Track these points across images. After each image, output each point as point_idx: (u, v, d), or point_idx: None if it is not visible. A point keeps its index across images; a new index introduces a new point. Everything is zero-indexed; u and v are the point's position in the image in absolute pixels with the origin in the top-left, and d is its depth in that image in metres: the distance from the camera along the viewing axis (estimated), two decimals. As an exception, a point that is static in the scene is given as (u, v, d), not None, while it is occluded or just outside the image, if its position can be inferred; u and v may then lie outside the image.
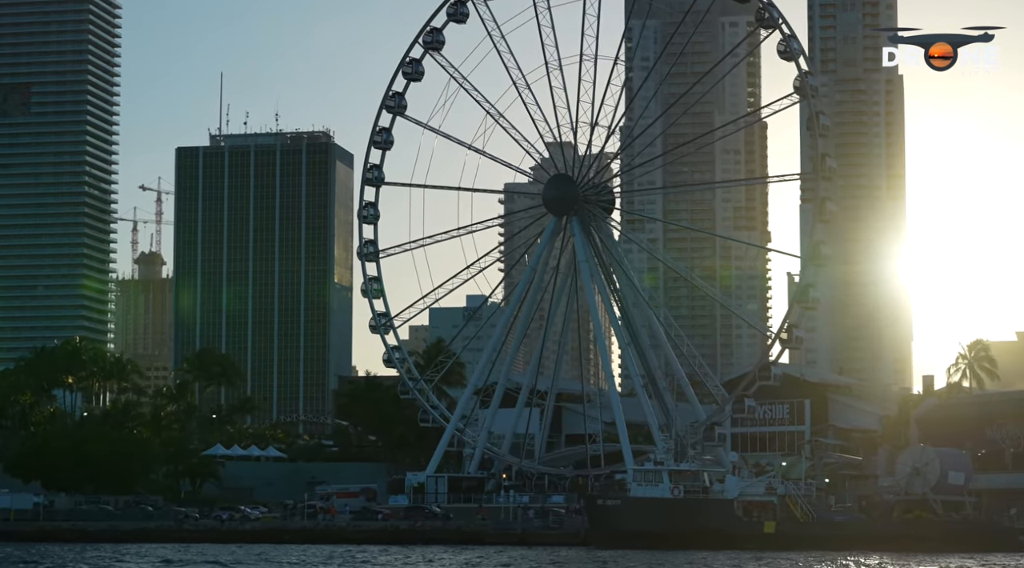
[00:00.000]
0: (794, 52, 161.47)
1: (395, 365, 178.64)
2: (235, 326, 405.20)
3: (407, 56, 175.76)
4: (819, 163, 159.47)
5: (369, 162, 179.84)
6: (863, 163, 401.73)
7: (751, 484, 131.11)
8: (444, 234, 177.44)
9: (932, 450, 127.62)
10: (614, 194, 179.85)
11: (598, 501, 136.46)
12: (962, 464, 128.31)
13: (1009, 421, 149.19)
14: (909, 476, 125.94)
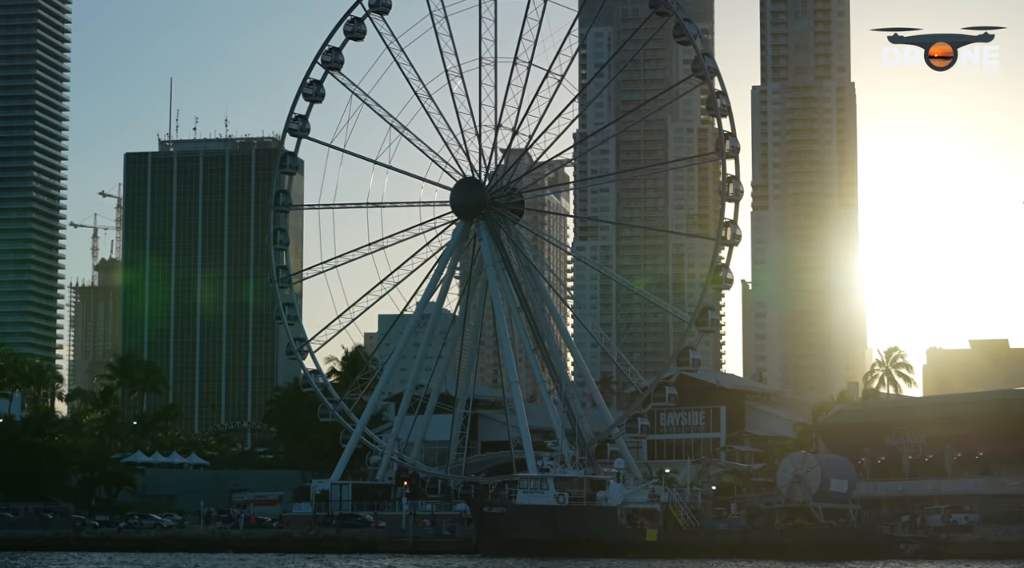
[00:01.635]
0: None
1: (314, 389, 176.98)
2: (183, 332, 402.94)
3: (307, 78, 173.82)
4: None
5: (276, 187, 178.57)
6: (815, 171, 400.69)
7: (634, 491, 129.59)
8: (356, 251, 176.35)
9: (813, 457, 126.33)
10: (523, 197, 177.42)
11: (484, 509, 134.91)
12: (845, 471, 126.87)
13: (907, 428, 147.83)
14: (791, 484, 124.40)
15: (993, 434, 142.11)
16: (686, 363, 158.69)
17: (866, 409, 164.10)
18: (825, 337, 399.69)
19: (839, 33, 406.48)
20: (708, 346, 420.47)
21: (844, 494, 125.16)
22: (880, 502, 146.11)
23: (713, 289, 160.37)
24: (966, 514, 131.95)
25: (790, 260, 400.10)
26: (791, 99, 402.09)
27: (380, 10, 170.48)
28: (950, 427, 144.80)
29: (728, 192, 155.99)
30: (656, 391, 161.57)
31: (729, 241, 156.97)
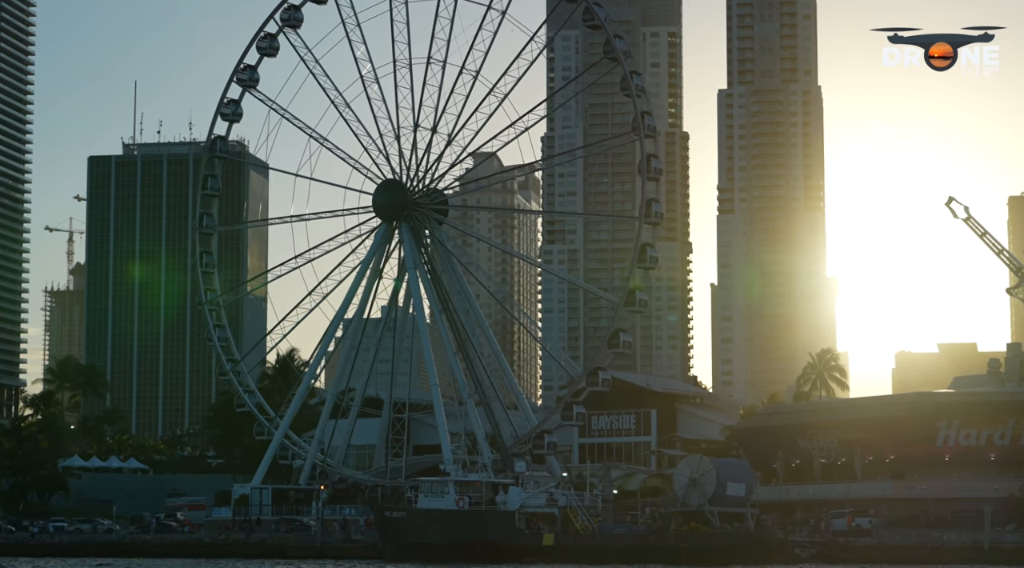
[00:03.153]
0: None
1: (248, 409, 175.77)
2: (146, 336, 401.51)
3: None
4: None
5: (201, 209, 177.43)
6: (781, 174, 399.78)
7: (532, 495, 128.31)
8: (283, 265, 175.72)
9: (709, 461, 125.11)
10: (448, 200, 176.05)
11: (386, 513, 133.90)
12: (742, 475, 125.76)
13: (819, 431, 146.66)
14: (686, 487, 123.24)
15: (903, 437, 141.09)
16: (616, 345, 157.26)
17: (781, 412, 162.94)
18: (792, 340, 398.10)
19: (805, 36, 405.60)
20: (675, 350, 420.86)
21: (741, 498, 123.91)
22: (794, 506, 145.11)
23: (640, 268, 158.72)
24: (870, 518, 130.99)
25: (756, 264, 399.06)
26: (757, 102, 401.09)
27: (292, 24, 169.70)
28: (861, 430, 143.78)
29: (648, 171, 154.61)
30: (590, 376, 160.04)
31: (651, 220, 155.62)
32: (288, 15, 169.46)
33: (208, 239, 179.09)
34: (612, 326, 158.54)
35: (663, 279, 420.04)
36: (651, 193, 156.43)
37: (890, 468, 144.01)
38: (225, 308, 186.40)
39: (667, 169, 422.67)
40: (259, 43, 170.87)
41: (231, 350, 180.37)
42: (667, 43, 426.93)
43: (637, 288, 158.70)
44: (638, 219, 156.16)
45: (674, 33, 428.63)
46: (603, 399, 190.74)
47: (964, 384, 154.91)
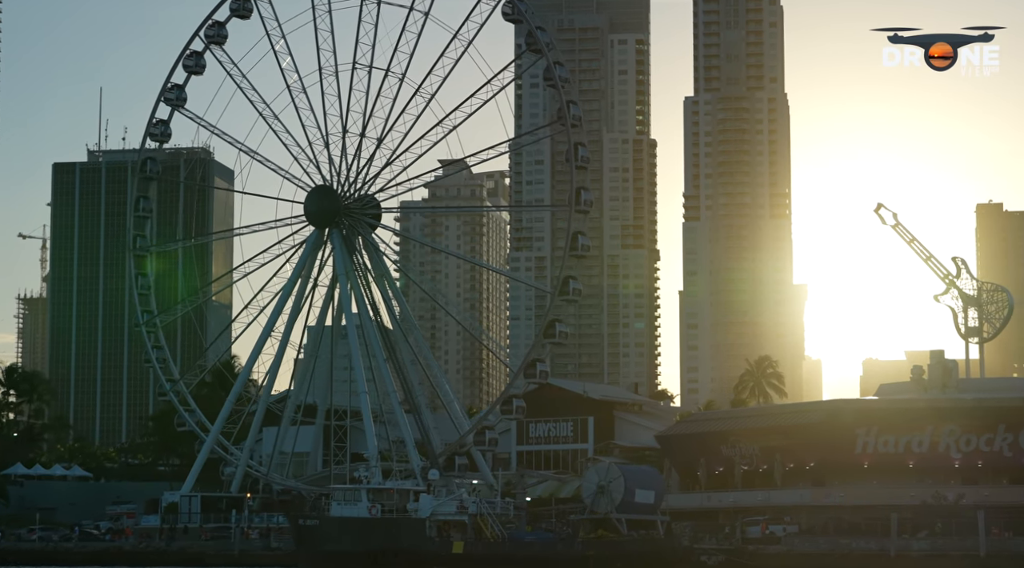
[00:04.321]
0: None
1: (189, 428, 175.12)
2: (111, 343, 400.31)
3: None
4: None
5: (134, 231, 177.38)
6: (746, 182, 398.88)
7: (443, 503, 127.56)
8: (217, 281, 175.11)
9: (617, 468, 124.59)
10: (381, 207, 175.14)
11: (299, 521, 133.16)
12: (652, 482, 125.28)
13: (741, 438, 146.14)
14: (595, 494, 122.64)
15: (823, 444, 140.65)
16: (553, 335, 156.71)
17: (705, 419, 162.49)
18: (758, 348, 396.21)
19: (771, 44, 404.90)
20: (642, 357, 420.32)
21: (651, 505, 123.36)
22: (716, 513, 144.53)
23: (572, 257, 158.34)
24: (784, 525, 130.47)
25: (722, 271, 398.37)
26: (723, 110, 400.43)
27: (217, 41, 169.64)
28: (782, 437, 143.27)
29: (576, 159, 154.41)
30: (528, 368, 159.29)
31: (581, 208, 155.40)
32: (213, 32, 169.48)
33: (143, 261, 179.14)
34: (547, 316, 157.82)
35: (630, 287, 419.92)
36: (580, 182, 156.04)
37: (810, 475, 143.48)
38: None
39: (634, 176, 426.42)
40: (185, 62, 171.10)
41: (169, 370, 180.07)
42: (635, 50, 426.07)
43: (571, 278, 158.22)
44: (568, 208, 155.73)
45: (642, 40, 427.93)
46: (541, 406, 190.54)
47: (889, 391, 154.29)
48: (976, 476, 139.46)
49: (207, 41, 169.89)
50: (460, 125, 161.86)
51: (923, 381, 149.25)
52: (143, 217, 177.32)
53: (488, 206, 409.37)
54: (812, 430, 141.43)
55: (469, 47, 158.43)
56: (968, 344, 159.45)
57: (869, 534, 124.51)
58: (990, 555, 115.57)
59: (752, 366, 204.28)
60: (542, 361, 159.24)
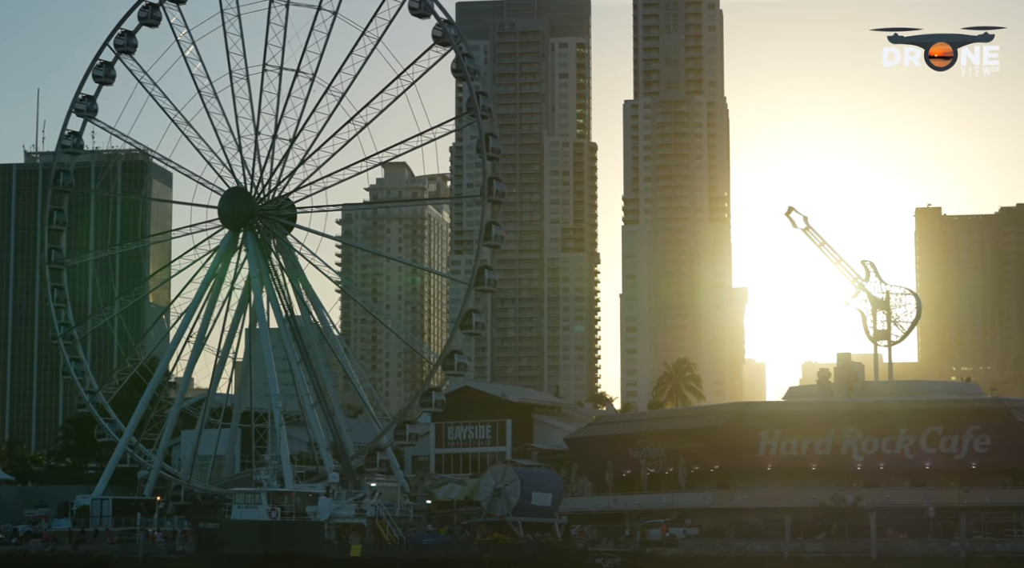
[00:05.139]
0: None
1: (109, 437, 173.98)
2: (48, 346, 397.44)
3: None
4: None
5: (49, 244, 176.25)
6: (685, 185, 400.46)
7: (341, 506, 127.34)
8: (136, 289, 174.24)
9: (514, 470, 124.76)
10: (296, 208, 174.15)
11: (200, 524, 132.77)
12: (550, 485, 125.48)
13: (648, 441, 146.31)
14: (491, 497, 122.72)
15: (727, 447, 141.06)
16: (469, 327, 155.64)
17: (612, 422, 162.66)
18: (696, 351, 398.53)
19: (711, 48, 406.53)
20: (583, 361, 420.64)
21: (548, 508, 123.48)
22: (622, 516, 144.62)
23: (486, 247, 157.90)
24: (685, 528, 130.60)
25: (661, 275, 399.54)
26: (662, 114, 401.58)
27: (127, 51, 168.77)
28: (686, 440, 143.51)
29: (487, 150, 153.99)
30: (446, 360, 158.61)
31: (493, 199, 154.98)
32: (123, 42, 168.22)
33: (58, 273, 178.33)
34: (464, 308, 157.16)
35: (570, 290, 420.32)
36: (493, 172, 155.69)
37: (715, 478, 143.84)
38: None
39: (575, 180, 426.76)
40: (95, 72, 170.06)
41: (88, 381, 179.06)
42: (575, 54, 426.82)
43: (486, 268, 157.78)
44: (481, 199, 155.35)
45: (583, 44, 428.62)
46: (459, 409, 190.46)
47: (797, 394, 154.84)
48: (878, 479, 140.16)
49: (117, 51, 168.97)
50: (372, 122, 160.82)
51: (829, 384, 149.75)
52: (57, 230, 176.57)
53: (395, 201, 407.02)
54: (716, 433, 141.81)
55: (378, 44, 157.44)
56: (877, 347, 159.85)
57: (769, 537, 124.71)
58: (881, 557, 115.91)
59: (670, 369, 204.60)
60: (460, 353, 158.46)
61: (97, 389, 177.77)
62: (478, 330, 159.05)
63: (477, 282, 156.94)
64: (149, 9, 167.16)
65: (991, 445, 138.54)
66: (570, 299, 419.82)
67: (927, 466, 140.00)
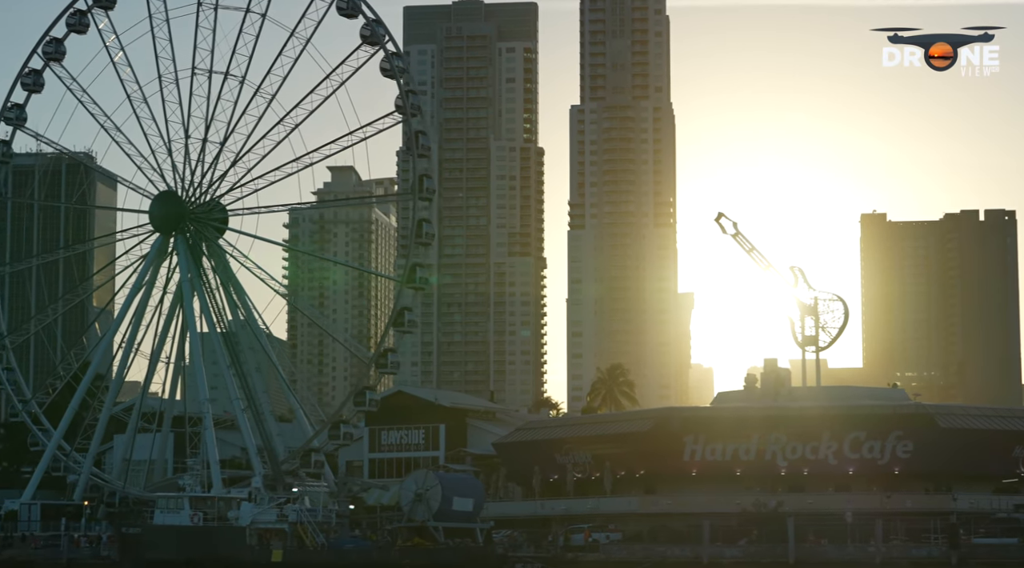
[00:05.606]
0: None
1: (43, 446, 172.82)
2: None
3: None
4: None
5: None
6: (631, 190, 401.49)
7: (264, 511, 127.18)
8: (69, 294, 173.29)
9: (435, 475, 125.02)
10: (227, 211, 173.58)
11: (122, 529, 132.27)
12: (471, 490, 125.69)
13: (574, 446, 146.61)
14: (412, 502, 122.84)
15: (652, 452, 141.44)
16: (402, 324, 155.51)
17: (540, 427, 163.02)
18: (642, 356, 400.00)
19: (657, 53, 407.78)
20: (528, 365, 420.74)
21: (469, 513, 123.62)
22: (550, 520, 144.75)
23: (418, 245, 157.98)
24: (608, 533, 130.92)
25: (607, 279, 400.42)
26: (608, 119, 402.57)
27: (56, 58, 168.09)
28: (612, 445, 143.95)
29: (417, 147, 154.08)
30: (380, 358, 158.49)
31: (424, 195, 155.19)
32: (51, 49, 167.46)
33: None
34: (396, 306, 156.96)
35: (517, 294, 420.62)
36: (423, 169, 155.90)
37: (641, 483, 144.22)
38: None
39: (521, 185, 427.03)
40: (23, 80, 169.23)
41: (21, 390, 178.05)
42: (523, 58, 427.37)
43: (418, 265, 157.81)
44: (412, 196, 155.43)
45: (530, 48, 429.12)
46: (393, 414, 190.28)
47: (726, 399, 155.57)
48: (802, 484, 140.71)
49: (46, 58, 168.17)
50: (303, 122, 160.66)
51: (756, 390, 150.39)
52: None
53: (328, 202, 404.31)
54: (641, 438, 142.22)
55: (308, 45, 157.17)
56: (805, 352, 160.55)
57: (692, 541, 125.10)
58: (799, 562, 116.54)
59: (604, 374, 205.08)
60: (394, 351, 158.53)
61: (30, 397, 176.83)
62: (411, 328, 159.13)
63: (408, 279, 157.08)
64: (77, 16, 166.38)
65: (913, 451, 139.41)
66: (516, 303, 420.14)
67: (850, 471, 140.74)
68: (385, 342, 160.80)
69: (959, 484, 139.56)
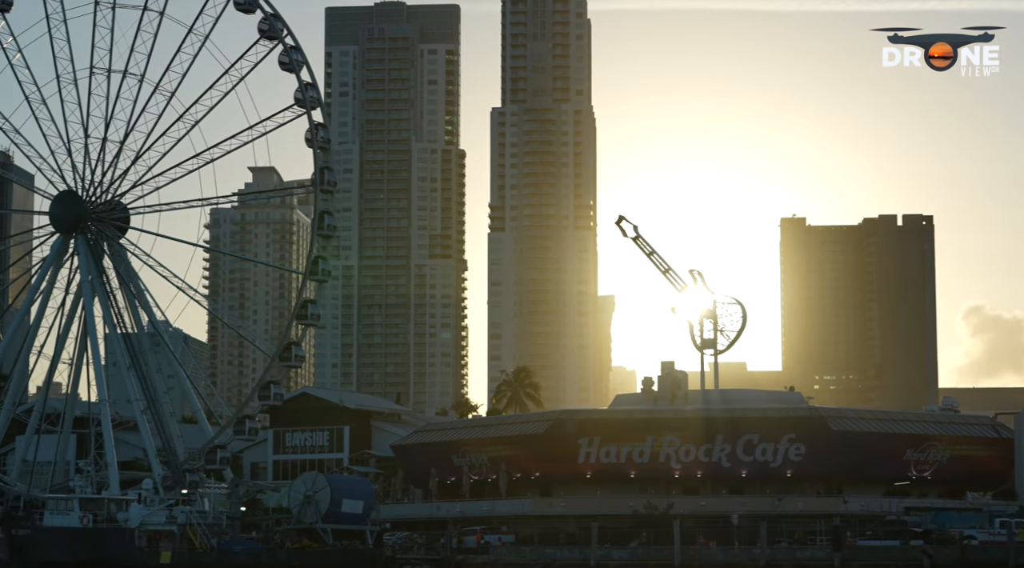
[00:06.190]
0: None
1: None
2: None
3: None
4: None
5: None
6: (551, 193, 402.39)
7: (152, 513, 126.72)
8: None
9: (324, 477, 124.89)
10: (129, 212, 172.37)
11: (12, 531, 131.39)
12: (361, 492, 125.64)
13: (471, 448, 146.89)
14: (301, 504, 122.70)
15: (547, 454, 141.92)
16: (306, 317, 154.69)
17: (438, 429, 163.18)
18: (561, 358, 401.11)
19: (578, 56, 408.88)
20: (449, 367, 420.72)
21: (359, 515, 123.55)
22: (447, 523, 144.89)
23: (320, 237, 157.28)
24: (500, 535, 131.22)
25: (526, 282, 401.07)
26: (529, 121, 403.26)
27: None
28: (508, 447, 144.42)
29: (316, 140, 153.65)
30: (283, 351, 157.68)
31: (326, 188, 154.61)
32: None
33: None
34: (299, 298, 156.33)
35: (437, 296, 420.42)
36: (324, 162, 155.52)
37: (537, 485, 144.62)
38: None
39: (442, 186, 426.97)
40: None
41: None
42: (444, 61, 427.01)
43: (320, 257, 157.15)
44: (313, 189, 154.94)
45: (452, 51, 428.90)
46: (298, 416, 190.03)
47: (623, 402, 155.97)
48: (696, 486, 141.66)
49: None
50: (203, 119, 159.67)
51: (653, 392, 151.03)
52: None
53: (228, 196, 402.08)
54: (537, 441, 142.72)
55: (206, 41, 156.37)
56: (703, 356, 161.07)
57: (583, 544, 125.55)
58: (685, 564, 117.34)
59: (510, 376, 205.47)
60: (298, 344, 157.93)
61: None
62: (314, 321, 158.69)
63: (311, 272, 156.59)
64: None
65: (805, 453, 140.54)
66: (437, 305, 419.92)
67: (743, 474, 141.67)
68: (289, 335, 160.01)
69: (851, 487, 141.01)
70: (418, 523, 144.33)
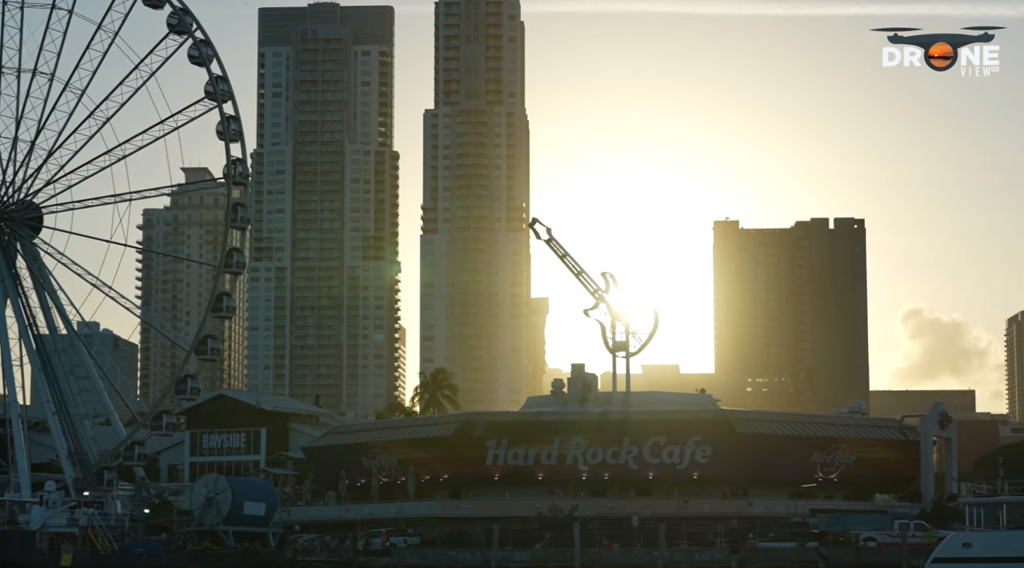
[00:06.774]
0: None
1: None
2: None
3: None
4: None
5: None
6: (484, 195, 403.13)
7: (54, 515, 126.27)
8: None
9: (225, 480, 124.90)
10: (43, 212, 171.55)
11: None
12: (263, 494, 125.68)
13: (380, 450, 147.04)
14: (203, 506, 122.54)
15: (455, 457, 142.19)
16: (221, 310, 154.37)
17: (347, 431, 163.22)
18: (494, 360, 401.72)
19: (511, 59, 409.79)
20: (382, 369, 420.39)
21: (261, 517, 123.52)
22: (355, 525, 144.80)
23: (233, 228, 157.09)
24: (405, 537, 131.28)
25: (459, 284, 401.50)
26: (462, 124, 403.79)
27: None
28: (417, 449, 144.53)
29: (228, 133, 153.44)
30: (199, 344, 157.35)
31: (238, 180, 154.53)
32: None
33: None
34: (215, 291, 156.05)
35: (370, 298, 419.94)
36: (236, 153, 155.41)
37: (446, 487, 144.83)
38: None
39: (376, 188, 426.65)
40: None
41: None
42: (378, 62, 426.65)
43: (234, 249, 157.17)
44: (226, 181, 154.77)
45: (385, 52, 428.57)
46: (215, 417, 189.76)
47: (534, 404, 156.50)
48: (603, 488, 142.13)
49: None
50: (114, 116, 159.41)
51: (563, 394, 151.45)
52: None
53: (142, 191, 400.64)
54: (445, 443, 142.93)
55: (116, 38, 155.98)
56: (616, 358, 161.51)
57: (487, 546, 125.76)
58: (584, 566, 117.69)
59: (428, 378, 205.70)
60: (214, 338, 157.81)
61: None
62: (229, 313, 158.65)
63: (226, 264, 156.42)
64: None
65: (712, 456, 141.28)
66: (370, 307, 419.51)
67: (650, 476, 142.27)
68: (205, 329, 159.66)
69: (758, 489, 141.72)
70: (328, 525, 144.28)
